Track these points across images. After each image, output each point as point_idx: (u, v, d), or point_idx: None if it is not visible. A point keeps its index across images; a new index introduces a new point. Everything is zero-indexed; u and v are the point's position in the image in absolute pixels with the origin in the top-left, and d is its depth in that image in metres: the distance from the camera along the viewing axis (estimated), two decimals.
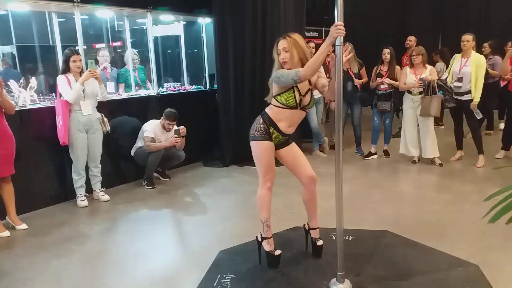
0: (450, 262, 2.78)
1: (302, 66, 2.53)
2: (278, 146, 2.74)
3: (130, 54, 5.51)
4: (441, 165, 5.26)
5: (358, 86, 5.71)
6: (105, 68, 5.44)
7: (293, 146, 2.83)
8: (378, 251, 2.97)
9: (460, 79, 5.04)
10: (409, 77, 5.23)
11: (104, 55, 5.53)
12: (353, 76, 5.64)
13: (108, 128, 4.36)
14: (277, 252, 2.75)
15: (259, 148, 2.68)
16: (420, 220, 3.62)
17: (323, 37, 7.52)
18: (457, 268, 2.69)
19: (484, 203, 1.38)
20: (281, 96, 2.62)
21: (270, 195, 2.74)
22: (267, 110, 2.74)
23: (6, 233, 3.53)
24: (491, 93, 6.25)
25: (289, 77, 2.49)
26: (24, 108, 4.05)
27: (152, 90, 5.47)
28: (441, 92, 5.01)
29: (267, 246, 2.76)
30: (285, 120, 2.67)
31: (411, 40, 6.85)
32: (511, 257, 2.91)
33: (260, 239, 2.80)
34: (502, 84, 6.42)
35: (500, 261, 2.85)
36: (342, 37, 2.24)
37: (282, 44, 2.61)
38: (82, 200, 4.21)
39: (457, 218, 3.64)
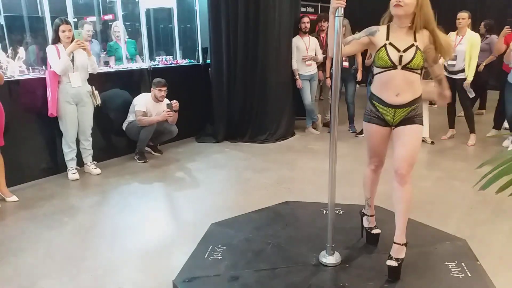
0: (438, 236, 2.83)
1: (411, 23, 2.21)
2: (398, 124, 2.33)
3: (122, 27, 5.40)
4: (432, 143, 5.29)
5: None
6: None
7: (410, 129, 2.29)
8: None
9: (454, 57, 5.02)
10: None
11: (89, 30, 5.29)
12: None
13: (99, 101, 4.29)
14: (375, 231, 2.71)
15: (365, 130, 2.54)
16: None
17: (319, 13, 7.41)
18: (444, 242, 2.74)
19: (474, 180, 1.39)
20: (374, 59, 2.31)
21: (373, 177, 2.64)
22: (371, 87, 2.45)
23: None
24: (485, 73, 6.24)
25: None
26: (12, 78, 3.97)
27: (143, 63, 5.39)
28: None
29: (366, 222, 2.76)
30: (388, 87, 2.27)
31: None
32: (498, 232, 2.97)
33: (361, 214, 2.81)
34: None
35: (487, 235, 2.91)
36: (342, 9, 2.19)
37: None
38: (73, 173, 4.19)
39: (446, 195, 3.69)
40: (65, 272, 2.55)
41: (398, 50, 2.21)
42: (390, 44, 2.23)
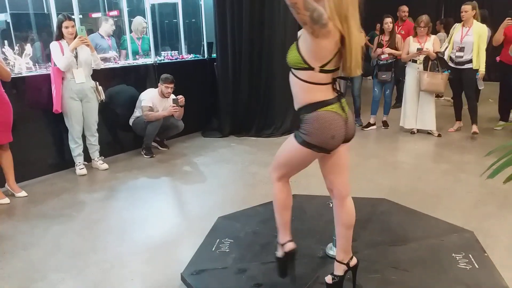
0: (445, 229, 2.82)
1: None
2: None
3: (138, 22, 5.50)
4: (439, 135, 5.26)
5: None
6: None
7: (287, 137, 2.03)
8: (374, 217, 3.01)
9: (462, 49, 4.98)
10: (413, 46, 5.15)
11: (112, 24, 5.47)
12: None
13: (103, 97, 4.31)
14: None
15: None
16: (417, 188, 3.65)
17: None
18: (452, 234, 2.73)
19: (481, 172, 1.38)
20: None
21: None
22: None
23: (6, 200, 3.55)
24: None
25: None
26: (20, 75, 4.00)
27: (149, 58, 5.40)
28: (448, 70, 5.04)
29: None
30: None
31: (405, 11, 6.84)
32: (505, 224, 2.96)
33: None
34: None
35: (494, 227, 2.89)
36: None
37: None
38: (81, 168, 4.22)
39: (453, 187, 3.67)
40: (74, 265, 2.58)
41: None
42: None
